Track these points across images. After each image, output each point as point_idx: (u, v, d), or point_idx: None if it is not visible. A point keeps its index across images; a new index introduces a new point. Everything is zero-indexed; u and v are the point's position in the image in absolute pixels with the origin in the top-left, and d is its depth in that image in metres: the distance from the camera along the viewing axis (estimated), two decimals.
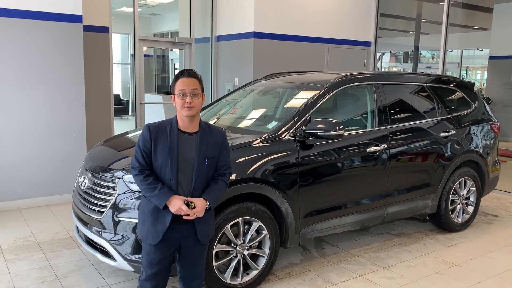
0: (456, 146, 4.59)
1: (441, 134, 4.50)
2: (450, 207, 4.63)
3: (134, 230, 3.03)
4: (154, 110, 9.11)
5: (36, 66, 5.16)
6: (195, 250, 2.57)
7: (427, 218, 4.89)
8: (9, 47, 4.99)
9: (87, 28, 5.98)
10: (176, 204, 2.38)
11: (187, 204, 2.39)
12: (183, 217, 2.41)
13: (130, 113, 13.26)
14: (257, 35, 7.35)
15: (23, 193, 5.24)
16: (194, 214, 2.41)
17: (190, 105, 2.38)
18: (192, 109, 2.39)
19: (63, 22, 5.25)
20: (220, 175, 2.57)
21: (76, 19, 5.34)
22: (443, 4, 7.60)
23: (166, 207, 2.41)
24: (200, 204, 2.42)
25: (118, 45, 13.44)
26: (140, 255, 3.07)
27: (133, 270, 3.09)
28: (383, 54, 11.58)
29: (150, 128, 2.45)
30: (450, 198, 4.62)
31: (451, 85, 4.97)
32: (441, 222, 4.66)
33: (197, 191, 2.47)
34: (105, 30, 6.71)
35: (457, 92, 4.97)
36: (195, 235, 2.50)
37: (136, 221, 2.76)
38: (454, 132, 4.60)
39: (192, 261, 2.59)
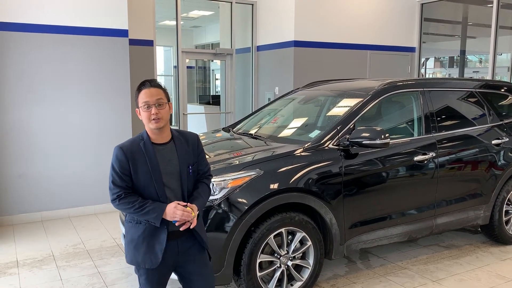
0: (509, 154, 4.37)
1: (493, 142, 4.30)
2: (504, 218, 4.41)
3: None
4: (197, 120, 9.28)
5: (85, 79, 5.38)
6: (196, 259, 2.39)
7: (479, 229, 4.67)
8: (61, 61, 5.24)
9: (132, 42, 6.20)
10: (172, 210, 2.19)
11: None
12: (181, 228, 2.24)
13: (174, 123, 13.55)
14: (297, 43, 7.34)
15: (73, 202, 5.45)
16: (190, 221, 2.24)
17: (156, 116, 2.21)
18: (160, 120, 2.22)
19: (111, 37, 5.47)
20: (205, 178, 2.45)
21: (123, 33, 5.54)
22: (492, 6, 7.32)
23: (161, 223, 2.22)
24: (195, 210, 2.26)
25: (162, 57, 13.80)
26: None
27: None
28: (427, 59, 11.23)
29: (123, 149, 2.27)
30: (504, 209, 4.40)
31: (503, 90, 4.75)
32: (495, 234, 4.44)
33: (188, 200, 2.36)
34: (150, 43, 6.92)
35: (510, 97, 4.74)
36: (190, 247, 2.35)
37: None
38: (507, 139, 4.39)
39: (199, 265, 2.40)
